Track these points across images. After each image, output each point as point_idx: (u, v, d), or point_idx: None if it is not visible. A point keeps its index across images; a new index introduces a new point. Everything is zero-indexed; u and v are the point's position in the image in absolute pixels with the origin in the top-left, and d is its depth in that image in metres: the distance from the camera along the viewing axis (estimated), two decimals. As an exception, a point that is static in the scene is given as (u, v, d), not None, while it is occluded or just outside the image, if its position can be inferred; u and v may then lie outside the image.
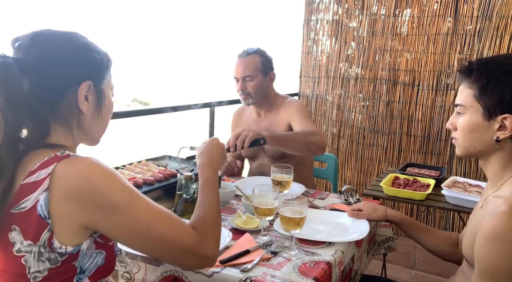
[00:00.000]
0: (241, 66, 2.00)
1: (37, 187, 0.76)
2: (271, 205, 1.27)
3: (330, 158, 2.45)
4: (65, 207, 0.75)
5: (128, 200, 0.79)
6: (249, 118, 2.17)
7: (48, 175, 0.76)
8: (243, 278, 1.07)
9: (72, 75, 0.84)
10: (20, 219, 0.76)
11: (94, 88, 0.88)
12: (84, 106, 0.86)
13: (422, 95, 3.10)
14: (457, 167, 3.01)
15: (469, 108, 1.02)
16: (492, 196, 1.04)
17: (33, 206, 0.75)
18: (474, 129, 1.02)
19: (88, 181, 0.76)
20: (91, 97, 0.88)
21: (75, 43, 0.86)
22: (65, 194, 0.75)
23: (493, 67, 0.99)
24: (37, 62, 0.81)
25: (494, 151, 1.02)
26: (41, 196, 0.75)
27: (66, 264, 0.79)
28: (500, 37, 2.77)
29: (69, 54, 0.84)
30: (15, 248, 0.76)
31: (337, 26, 3.40)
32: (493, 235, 0.90)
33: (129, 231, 0.79)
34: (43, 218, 0.75)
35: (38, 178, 0.76)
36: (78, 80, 0.85)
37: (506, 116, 0.97)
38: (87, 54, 0.87)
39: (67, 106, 0.84)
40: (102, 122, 0.93)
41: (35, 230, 0.75)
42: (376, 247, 1.67)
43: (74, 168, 0.77)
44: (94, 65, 0.88)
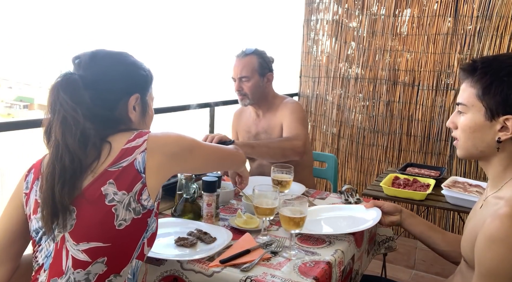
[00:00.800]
0: (238, 66, 2.00)
1: (135, 149, 0.94)
2: (271, 205, 1.27)
3: (330, 158, 2.45)
4: (159, 159, 0.95)
5: (194, 142, 1.06)
6: (249, 119, 2.18)
7: (144, 141, 0.95)
8: (243, 278, 1.07)
9: (124, 89, 1.02)
10: (117, 174, 0.91)
11: (141, 100, 1.06)
12: (132, 115, 1.04)
13: (422, 95, 3.10)
14: (457, 167, 3.01)
15: (471, 108, 1.01)
16: (492, 196, 1.03)
17: (130, 163, 0.92)
18: (476, 129, 1.00)
19: (174, 137, 1.00)
20: (138, 108, 1.05)
21: (125, 62, 1.05)
22: (160, 149, 0.96)
23: (497, 67, 0.97)
24: (95, 78, 0.98)
25: (496, 152, 1.00)
26: (138, 156, 0.93)
27: (143, 218, 0.94)
28: (500, 37, 2.77)
29: (121, 71, 1.02)
30: (108, 199, 0.90)
31: (337, 26, 3.40)
32: (494, 238, 0.90)
33: (205, 157, 1.10)
34: (139, 172, 0.92)
35: (138, 143, 0.95)
36: (128, 93, 1.02)
37: (508, 117, 0.95)
38: (135, 71, 1.05)
39: (120, 114, 1.02)
40: (145, 128, 1.08)
41: (130, 182, 0.91)
42: (376, 247, 1.67)
43: (162, 133, 0.99)
44: (141, 80, 1.07)
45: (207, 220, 1.39)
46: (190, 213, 1.42)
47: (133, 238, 0.94)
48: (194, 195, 1.43)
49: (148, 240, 0.98)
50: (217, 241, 1.23)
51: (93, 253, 0.89)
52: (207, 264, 1.12)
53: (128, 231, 0.92)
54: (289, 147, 1.87)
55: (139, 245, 0.96)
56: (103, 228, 0.90)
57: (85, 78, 0.96)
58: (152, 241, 1.01)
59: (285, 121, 2.00)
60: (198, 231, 1.28)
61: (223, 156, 1.22)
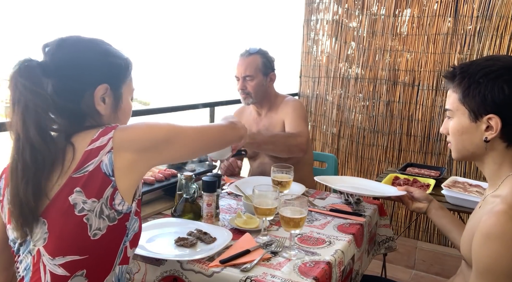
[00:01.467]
0: (242, 65, 2.01)
1: (100, 150, 0.85)
2: (271, 205, 1.27)
3: (330, 158, 2.45)
4: (129, 158, 0.87)
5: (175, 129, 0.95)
6: (249, 118, 2.18)
7: (110, 139, 0.86)
8: (243, 278, 1.07)
9: (90, 78, 0.93)
10: (84, 181, 0.84)
11: (112, 91, 0.96)
12: (100, 107, 0.94)
13: (422, 95, 3.10)
14: (457, 167, 3.01)
15: (456, 112, 1.06)
16: (491, 196, 1.05)
17: (96, 167, 0.85)
18: (464, 131, 1.05)
19: (145, 128, 0.91)
20: (108, 100, 0.96)
21: (96, 48, 0.96)
22: (128, 146, 0.87)
23: (473, 70, 1.02)
24: (59, 64, 0.90)
25: (487, 152, 1.04)
26: (104, 157, 0.85)
27: (121, 223, 0.88)
28: (500, 37, 2.77)
29: (88, 59, 0.93)
30: (77, 209, 0.84)
31: (337, 26, 3.40)
32: (490, 234, 0.91)
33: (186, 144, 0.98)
34: (107, 175, 0.85)
35: (102, 143, 0.86)
36: (94, 83, 0.93)
37: (490, 116, 0.99)
38: (106, 59, 0.95)
39: (86, 105, 0.93)
40: (119, 124, 0.97)
41: (99, 187, 0.84)
42: (376, 247, 1.67)
43: (130, 128, 0.91)
44: (112, 69, 0.96)
45: (207, 220, 1.39)
46: (190, 213, 1.42)
47: (112, 246, 0.89)
48: (194, 195, 1.43)
49: (130, 242, 0.94)
50: (217, 241, 1.23)
51: (70, 267, 0.84)
52: (207, 264, 1.12)
53: (105, 239, 0.86)
54: (294, 144, 1.89)
55: (120, 251, 0.91)
56: (77, 241, 0.84)
57: (47, 65, 0.89)
58: (136, 241, 0.97)
59: (287, 118, 2.01)
60: (198, 231, 1.28)
61: (213, 137, 1.10)
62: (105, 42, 0.98)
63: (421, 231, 3.19)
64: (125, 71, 1.00)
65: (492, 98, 0.98)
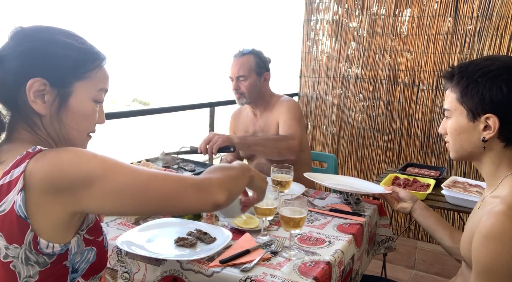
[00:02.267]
0: (236, 66, 2.03)
1: (12, 188, 0.72)
2: (271, 205, 1.27)
3: (330, 158, 2.45)
4: (43, 200, 0.73)
5: (103, 165, 0.75)
6: (246, 119, 2.19)
7: (21, 174, 0.72)
8: (243, 278, 1.07)
9: (24, 69, 0.79)
10: (1, 223, 0.72)
11: (53, 87, 0.80)
12: (36, 105, 0.80)
13: (422, 95, 3.10)
14: (457, 167, 3.02)
15: (454, 112, 1.06)
16: (490, 196, 1.05)
17: (11, 207, 0.72)
18: (461, 131, 1.05)
19: (59, 164, 0.73)
20: (49, 97, 0.80)
21: (42, 37, 0.82)
22: (40, 186, 0.72)
23: (472, 70, 1.02)
24: (1, 54, 0.80)
25: (484, 152, 1.04)
26: (17, 197, 0.72)
27: (57, 265, 0.77)
28: (500, 37, 2.77)
29: (27, 48, 0.80)
30: (1, 254, 0.73)
31: (337, 26, 3.40)
32: (490, 235, 0.91)
33: (113, 194, 0.75)
34: (23, 218, 0.72)
35: (12, 178, 0.73)
36: (29, 75, 0.78)
37: (488, 116, 0.99)
38: (48, 49, 0.80)
39: (24, 103, 0.80)
40: (65, 129, 0.84)
41: (18, 232, 0.72)
42: (376, 247, 1.67)
43: (45, 159, 0.73)
44: (55, 62, 0.80)
45: (207, 220, 1.39)
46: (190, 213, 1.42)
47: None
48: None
49: (86, 274, 0.82)
50: (217, 241, 1.23)
51: None
52: (207, 264, 1.12)
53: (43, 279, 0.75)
54: (284, 147, 1.91)
55: None
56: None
57: None
58: (98, 269, 0.85)
59: (281, 119, 2.02)
60: (198, 231, 1.28)
61: (161, 194, 0.79)
62: (64, 32, 0.84)
63: (421, 231, 3.19)
64: (78, 65, 0.82)
65: (490, 98, 0.98)
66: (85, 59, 0.84)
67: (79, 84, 0.83)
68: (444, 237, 1.33)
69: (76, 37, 0.85)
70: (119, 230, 1.31)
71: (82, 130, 0.87)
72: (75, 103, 0.83)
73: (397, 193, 1.49)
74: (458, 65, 1.08)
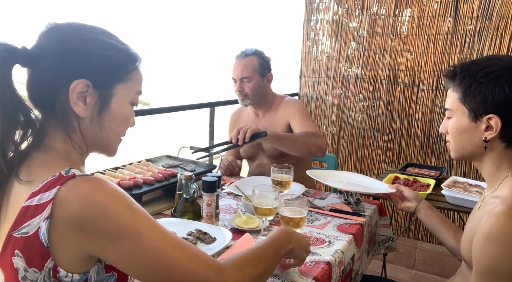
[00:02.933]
0: (239, 67, 2.01)
1: (39, 213, 0.69)
2: (271, 205, 1.27)
3: (330, 158, 2.45)
4: (67, 236, 0.69)
5: (135, 225, 0.71)
6: (247, 119, 2.18)
7: (51, 201, 0.69)
8: (243, 278, 1.06)
9: (67, 70, 0.76)
10: (23, 244, 0.70)
11: (96, 89, 0.77)
12: (78, 107, 0.77)
13: (422, 95, 3.10)
14: (457, 167, 3.02)
15: (456, 111, 1.05)
16: (490, 196, 1.05)
17: (35, 232, 0.69)
18: (463, 131, 1.05)
19: (92, 206, 0.68)
20: (91, 100, 0.78)
21: (83, 36, 0.78)
22: (67, 222, 0.69)
23: (474, 70, 1.01)
24: (37, 53, 0.76)
25: (485, 152, 1.03)
26: (42, 224, 0.68)
27: None
28: (500, 37, 2.77)
29: (69, 47, 0.76)
30: (20, 275, 0.71)
31: (337, 26, 3.40)
32: (490, 235, 0.91)
33: (136, 259, 0.71)
34: (45, 247, 0.69)
35: (40, 202, 0.69)
36: (72, 77, 0.75)
37: (490, 116, 0.99)
38: (92, 50, 0.77)
39: (63, 105, 0.77)
40: (106, 132, 0.81)
41: (39, 258, 0.70)
42: (376, 247, 1.67)
43: (77, 192, 0.69)
44: (99, 63, 0.78)
45: (207, 220, 1.39)
46: (190, 213, 1.42)
47: None
48: (194, 195, 1.43)
49: None
50: (217, 241, 1.23)
51: None
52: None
53: None
54: (314, 143, 1.85)
55: None
56: None
57: (25, 53, 0.75)
58: None
59: (294, 120, 2.00)
60: (198, 231, 1.28)
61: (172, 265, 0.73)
62: (101, 31, 0.81)
63: (421, 231, 3.19)
64: (120, 67, 0.80)
65: (493, 98, 0.97)
66: (127, 61, 0.82)
67: (120, 87, 0.81)
68: (449, 237, 1.32)
69: (115, 37, 0.82)
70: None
71: (120, 134, 0.85)
72: (116, 105, 0.81)
73: (402, 192, 1.48)
74: (460, 64, 1.07)
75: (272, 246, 0.91)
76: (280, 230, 0.97)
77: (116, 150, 0.88)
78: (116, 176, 1.57)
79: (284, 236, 0.95)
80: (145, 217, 0.73)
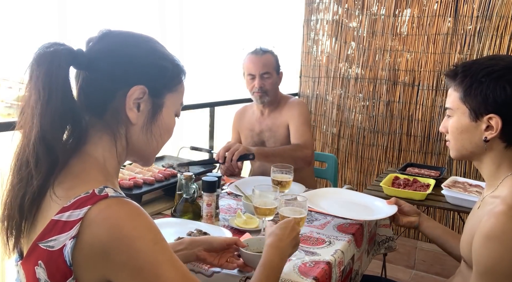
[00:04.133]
0: (259, 63, 2.01)
1: (67, 230, 0.69)
2: (271, 205, 1.27)
3: (330, 158, 2.45)
4: (92, 259, 0.69)
5: (156, 263, 0.70)
6: (252, 117, 2.17)
7: (80, 220, 0.68)
8: (243, 278, 1.07)
9: (125, 75, 0.77)
10: (47, 257, 0.70)
11: (150, 97, 0.79)
12: (132, 113, 0.78)
13: (422, 95, 3.10)
14: (457, 167, 3.02)
15: (456, 111, 1.05)
16: (489, 196, 1.05)
17: (60, 248, 0.69)
18: (463, 130, 1.04)
19: (119, 235, 0.68)
20: (144, 107, 0.79)
21: (141, 44, 0.81)
22: (93, 245, 0.68)
23: (476, 69, 1.01)
24: (94, 56, 0.77)
25: (485, 152, 1.03)
26: (68, 242, 0.68)
27: None
28: (500, 37, 2.77)
29: (128, 54, 0.78)
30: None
31: (337, 26, 3.40)
32: (490, 235, 0.91)
33: None
34: (68, 265, 0.69)
35: (69, 219, 0.69)
36: (130, 82, 0.77)
37: (491, 116, 0.99)
38: (150, 58, 0.80)
39: (115, 110, 0.78)
40: (152, 141, 0.83)
41: (61, 276, 0.70)
42: (376, 247, 1.67)
43: (108, 216, 0.69)
44: (156, 71, 0.80)
45: (207, 220, 1.39)
46: (190, 213, 1.42)
47: None
48: (194, 195, 1.43)
49: None
50: (217, 241, 1.23)
51: None
52: (207, 264, 1.12)
53: None
54: (300, 156, 1.91)
55: None
56: None
57: (82, 55, 0.76)
58: None
59: (293, 123, 2.01)
60: (198, 231, 1.28)
61: None
62: (156, 41, 0.84)
63: (421, 231, 3.19)
64: (172, 77, 0.83)
65: (494, 98, 0.97)
66: (178, 72, 0.85)
67: (169, 97, 0.83)
68: (455, 245, 1.29)
69: (166, 48, 0.85)
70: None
71: (164, 143, 0.87)
72: (165, 115, 0.83)
73: (401, 205, 1.42)
74: (461, 64, 1.07)
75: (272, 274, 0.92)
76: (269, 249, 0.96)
77: (154, 159, 0.89)
78: (116, 176, 1.57)
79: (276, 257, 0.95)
80: (167, 254, 0.72)
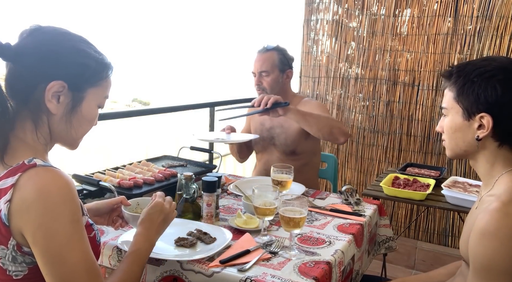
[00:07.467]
0: (259, 61, 2.04)
1: (2, 196, 0.78)
2: (271, 205, 1.27)
3: (330, 158, 2.45)
4: (21, 218, 0.77)
5: (69, 236, 0.79)
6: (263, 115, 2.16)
7: (12, 186, 0.77)
8: (243, 278, 1.07)
9: (46, 70, 0.85)
10: None
11: (70, 91, 0.87)
12: (51, 105, 0.86)
13: (422, 95, 3.10)
14: (457, 167, 3.02)
15: (451, 110, 1.07)
16: (486, 195, 1.06)
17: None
18: (456, 129, 1.06)
19: (43, 198, 0.77)
20: (64, 99, 0.87)
21: (65, 43, 0.88)
22: (21, 206, 0.77)
23: (469, 70, 1.03)
24: (20, 51, 0.84)
25: (479, 151, 1.05)
26: (3, 206, 0.77)
27: None
28: (500, 37, 2.77)
29: (51, 50, 0.86)
30: None
31: (337, 26, 3.40)
32: (485, 232, 0.92)
33: (52, 258, 0.78)
34: (7, 226, 0.77)
35: (3, 186, 0.78)
36: (50, 77, 0.85)
37: (483, 115, 1.00)
38: (72, 56, 0.87)
39: (36, 101, 0.85)
40: (73, 129, 0.91)
41: (3, 236, 0.78)
42: (377, 247, 1.67)
43: (34, 182, 0.78)
44: (77, 68, 0.88)
45: (207, 220, 1.39)
46: (190, 213, 1.42)
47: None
48: (194, 195, 1.43)
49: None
50: (217, 241, 1.23)
51: None
52: (207, 264, 1.12)
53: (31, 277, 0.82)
54: (337, 126, 1.83)
55: None
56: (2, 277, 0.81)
57: (8, 49, 0.83)
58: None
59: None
60: (198, 231, 1.28)
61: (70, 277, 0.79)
62: (83, 40, 0.91)
63: (421, 231, 3.19)
64: (94, 74, 0.90)
65: (485, 97, 0.99)
66: (101, 69, 0.92)
67: (91, 91, 0.91)
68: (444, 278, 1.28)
69: (93, 46, 0.92)
70: (120, 230, 1.30)
71: (84, 132, 0.95)
72: (86, 107, 0.91)
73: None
74: (457, 64, 1.10)
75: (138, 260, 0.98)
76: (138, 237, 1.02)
77: (78, 145, 0.98)
78: (116, 176, 1.57)
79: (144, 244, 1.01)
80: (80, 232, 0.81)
